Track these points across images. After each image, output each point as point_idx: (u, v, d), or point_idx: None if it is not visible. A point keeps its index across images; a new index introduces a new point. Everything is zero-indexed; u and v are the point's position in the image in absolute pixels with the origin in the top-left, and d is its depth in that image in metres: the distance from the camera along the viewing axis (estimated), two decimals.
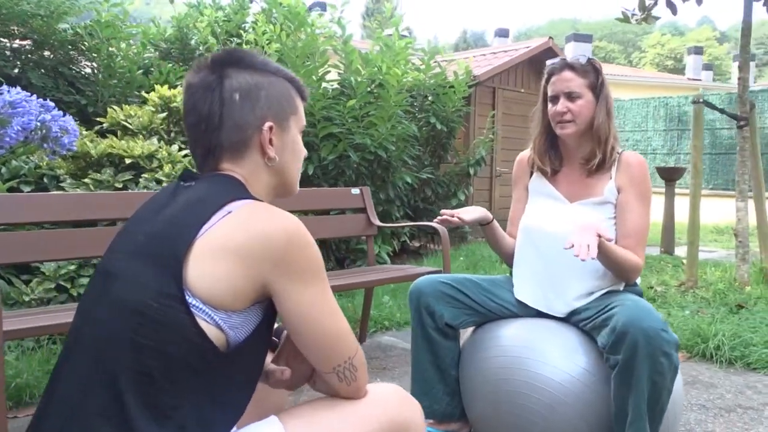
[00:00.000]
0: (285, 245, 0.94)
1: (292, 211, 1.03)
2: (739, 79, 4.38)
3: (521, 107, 7.94)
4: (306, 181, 4.67)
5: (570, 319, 1.87)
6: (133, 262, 0.95)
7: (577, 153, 1.95)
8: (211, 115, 1.04)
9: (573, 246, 1.58)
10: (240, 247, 0.92)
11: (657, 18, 4.93)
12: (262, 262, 0.93)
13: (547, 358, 1.78)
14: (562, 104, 1.87)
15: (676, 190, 6.51)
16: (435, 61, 5.99)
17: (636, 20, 4.99)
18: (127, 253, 0.97)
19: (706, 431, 2.21)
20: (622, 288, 1.88)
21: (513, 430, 1.81)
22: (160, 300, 0.89)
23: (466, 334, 2.05)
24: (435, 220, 1.92)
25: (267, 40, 5.25)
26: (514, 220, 2.09)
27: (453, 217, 1.86)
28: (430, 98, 6.00)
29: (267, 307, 0.99)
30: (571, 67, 1.88)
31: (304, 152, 1.17)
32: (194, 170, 1.10)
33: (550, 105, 1.93)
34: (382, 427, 1.02)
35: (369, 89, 5.02)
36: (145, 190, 3.47)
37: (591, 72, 1.88)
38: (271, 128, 1.06)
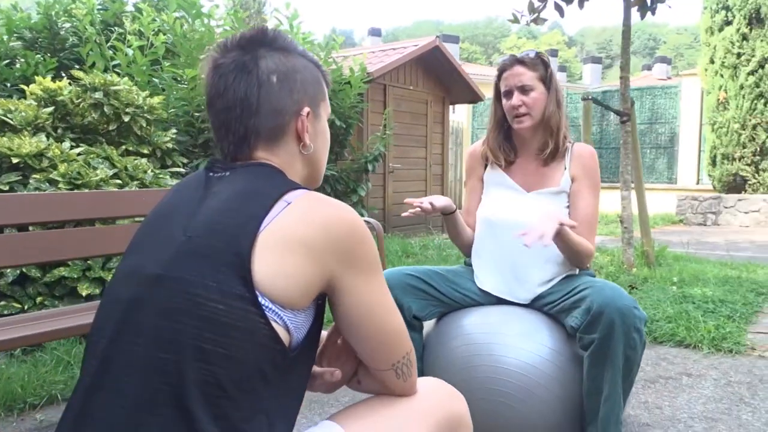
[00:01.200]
0: (348, 236, 0.88)
1: None
2: (621, 78, 4.75)
3: (410, 104, 8.11)
4: None
5: (533, 304, 1.92)
6: (179, 262, 0.83)
7: (531, 144, 2.00)
8: (248, 97, 0.94)
9: (525, 234, 1.62)
10: (306, 239, 0.85)
11: (545, 20, 5.23)
12: (328, 254, 0.86)
13: (517, 342, 1.81)
14: (517, 98, 1.91)
15: None
16: (331, 57, 5.94)
17: (527, 22, 5.25)
18: (168, 253, 0.85)
19: (641, 401, 2.37)
20: (577, 272, 1.96)
21: (488, 416, 1.82)
22: (227, 301, 0.79)
23: (427, 326, 2.03)
24: (407, 212, 1.88)
25: (154, 30, 4.93)
26: (470, 211, 2.10)
27: (423, 204, 1.83)
28: None
29: (319, 305, 0.91)
30: (520, 61, 1.93)
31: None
32: (219, 159, 1.00)
33: (504, 100, 1.96)
34: (439, 422, 0.99)
35: None
36: (37, 192, 3.11)
37: (540, 65, 1.94)
38: (308, 114, 0.99)
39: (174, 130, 4.24)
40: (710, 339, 3.02)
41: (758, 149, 9.46)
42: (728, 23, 9.69)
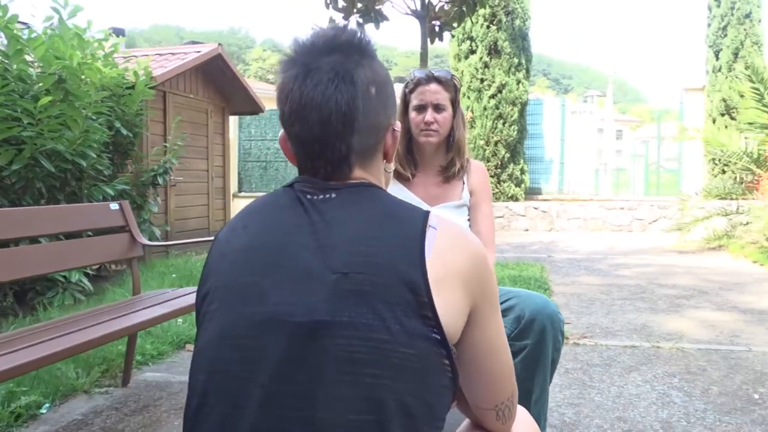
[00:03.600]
0: (484, 266, 0.83)
1: (41, 236, 0.86)
2: None
3: (191, 114, 7.64)
4: None
5: None
6: (342, 304, 0.71)
7: (433, 160, 2.05)
8: (352, 112, 0.83)
9: None
10: (461, 269, 0.79)
11: None
12: (474, 284, 0.81)
13: None
14: (431, 115, 1.95)
15: None
16: (112, 58, 5.33)
17: None
18: (320, 295, 0.72)
19: None
20: None
21: None
22: (416, 344, 0.71)
23: None
24: None
25: None
26: None
27: None
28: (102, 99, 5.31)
29: None
30: (438, 80, 1.97)
31: None
32: (306, 178, 0.87)
33: (414, 113, 1.98)
34: None
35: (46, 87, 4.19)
36: None
37: (452, 87, 2.00)
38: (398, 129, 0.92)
39: None
40: None
41: (500, 163, 10.95)
42: (473, 52, 11.04)
